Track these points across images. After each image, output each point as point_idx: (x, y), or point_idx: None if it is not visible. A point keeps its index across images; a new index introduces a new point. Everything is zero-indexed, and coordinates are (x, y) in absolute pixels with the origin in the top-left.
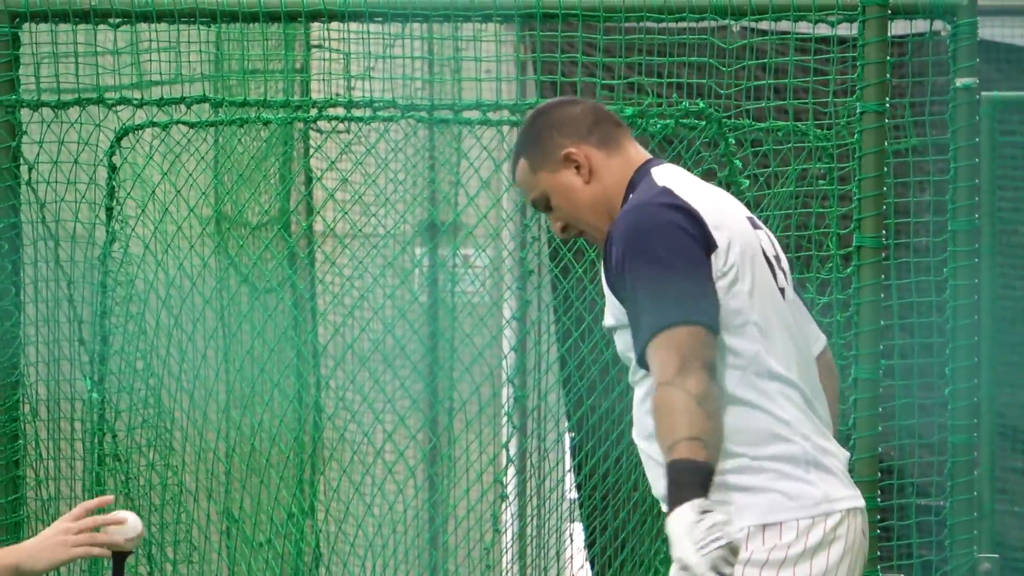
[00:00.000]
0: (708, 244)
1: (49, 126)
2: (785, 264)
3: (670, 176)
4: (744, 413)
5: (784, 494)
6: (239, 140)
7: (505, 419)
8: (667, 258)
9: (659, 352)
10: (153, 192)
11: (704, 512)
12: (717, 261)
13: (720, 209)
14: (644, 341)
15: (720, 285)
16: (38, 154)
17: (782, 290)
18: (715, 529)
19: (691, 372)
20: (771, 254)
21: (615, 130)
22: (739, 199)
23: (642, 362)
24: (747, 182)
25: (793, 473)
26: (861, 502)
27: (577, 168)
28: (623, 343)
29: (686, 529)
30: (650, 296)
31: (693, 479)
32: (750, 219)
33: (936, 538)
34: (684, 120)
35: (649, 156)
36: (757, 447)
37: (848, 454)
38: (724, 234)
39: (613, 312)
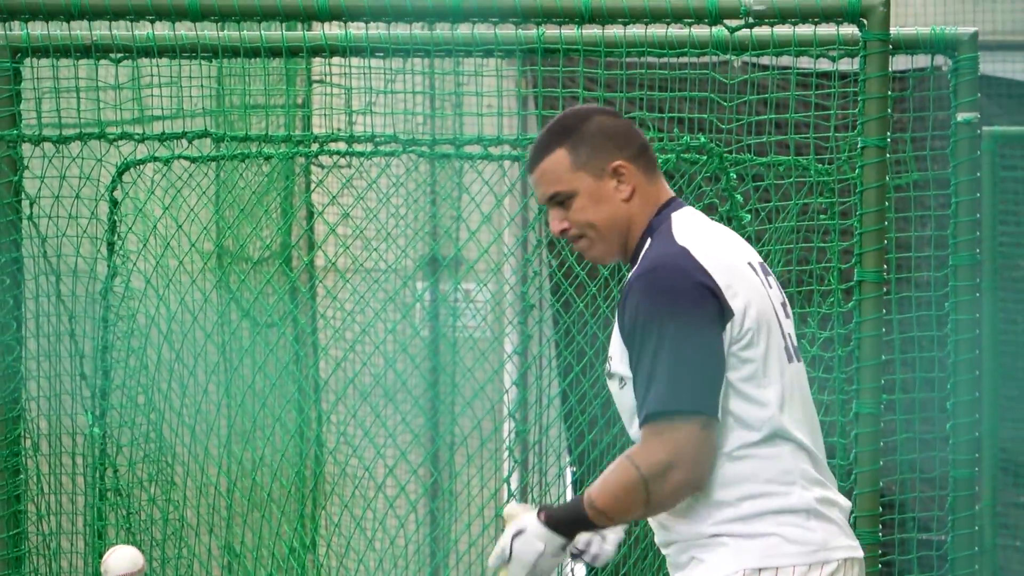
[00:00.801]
0: (724, 315)
1: (51, 161)
2: (788, 309)
3: (688, 230)
4: (751, 469)
5: (784, 538)
6: (240, 175)
7: (507, 454)
8: (680, 335)
9: (652, 440)
10: (154, 227)
11: (556, 556)
12: (732, 329)
13: (735, 269)
14: (643, 417)
15: (734, 350)
16: (40, 189)
17: (793, 347)
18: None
19: (668, 478)
20: (778, 302)
21: (654, 159)
22: (740, 234)
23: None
24: (748, 217)
25: (793, 520)
26: (860, 553)
27: (617, 183)
28: (631, 398)
29: (538, 552)
30: (659, 370)
31: (579, 527)
32: (761, 266)
33: (937, 573)
34: (685, 155)
35: (672, 193)
36: (760, 499)
37: (850, 504)
38: (740, 299)
39: (625, 363)
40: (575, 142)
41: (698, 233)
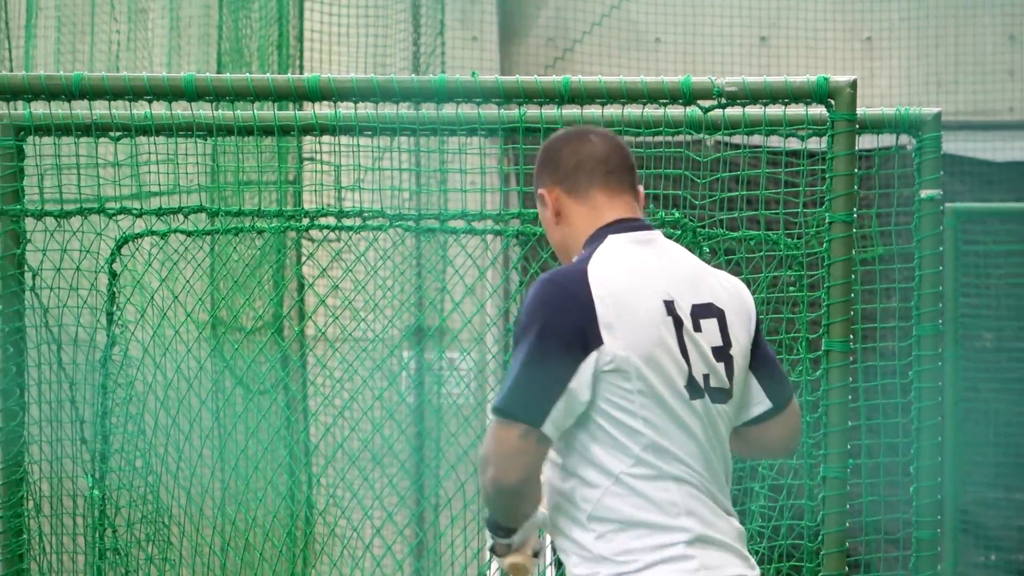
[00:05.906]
0: (588, 341)
1: (52, 235)
2: (724, 354)
3: (608, 256)
4: (626, 498)
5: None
6: (234, 248)
7: None
8: (535, 350)
9: (493, 431)
10: (152, 298)
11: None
12: (602, 356)
13: (629, 307)
14: (493, 406)
15: (605, 375)
16: (42, 261)
17: (701, 386)
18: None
19: (484, 472)
20: (696, 346)
21: (594, 178)
22: None
23: None
24: None
25: (671, 552)
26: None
27: (544, 209)
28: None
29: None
30: (514, 376)
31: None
32: (693, 308)
33: None
34: (660, 229)
35: (625, 216)
36: (637, 530)
37: (741, 529)
38: (620, 334)
39: None
40: (534, 174)
41: (615, 262)
